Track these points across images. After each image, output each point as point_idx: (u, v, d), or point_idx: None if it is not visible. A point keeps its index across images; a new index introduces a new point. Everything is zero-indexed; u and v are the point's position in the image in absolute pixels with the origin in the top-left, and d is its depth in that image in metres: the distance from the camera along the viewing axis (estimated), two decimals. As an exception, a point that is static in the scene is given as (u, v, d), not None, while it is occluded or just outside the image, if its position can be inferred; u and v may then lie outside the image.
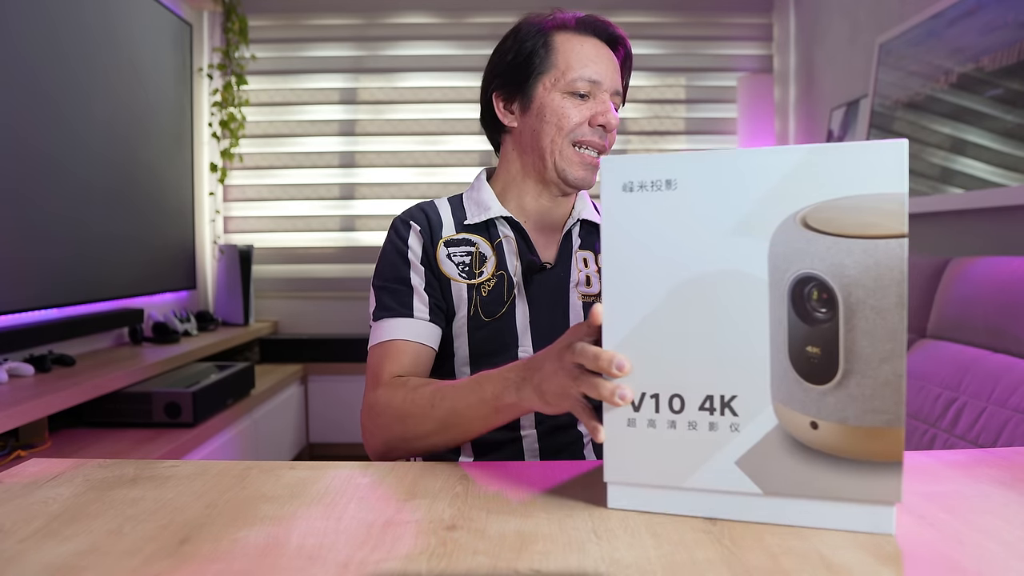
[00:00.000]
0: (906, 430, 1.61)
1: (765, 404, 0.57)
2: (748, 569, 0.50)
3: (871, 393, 0.54)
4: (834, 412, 0.55)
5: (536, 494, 0.65)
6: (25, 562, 0.53)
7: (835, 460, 0.56)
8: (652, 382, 0.60)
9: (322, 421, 3.08)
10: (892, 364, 0.54)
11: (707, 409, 0.58)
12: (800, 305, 0.56)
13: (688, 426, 0.59)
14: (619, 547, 0.54)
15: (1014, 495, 0.64)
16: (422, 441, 0.83)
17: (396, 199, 3.21)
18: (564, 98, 0.95)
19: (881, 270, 0.54)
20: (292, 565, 0.52)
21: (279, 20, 3.18)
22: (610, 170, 0.60)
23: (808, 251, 0.55)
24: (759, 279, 0.57)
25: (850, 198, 0.54)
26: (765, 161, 0.56)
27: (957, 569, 0.50)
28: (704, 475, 0.59)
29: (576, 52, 0.95)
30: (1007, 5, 1.75)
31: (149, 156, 2.53)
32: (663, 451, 0.60)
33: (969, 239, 1.92)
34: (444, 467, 0.74)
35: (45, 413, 1.61)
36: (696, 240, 0.58)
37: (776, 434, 0.57)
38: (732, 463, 0.58)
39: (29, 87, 1.89)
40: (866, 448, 0.55)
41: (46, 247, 1.95)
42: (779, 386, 0.57)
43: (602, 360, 0.59)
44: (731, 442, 0.58)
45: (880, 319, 0.54)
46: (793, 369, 0.56)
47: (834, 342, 0.55)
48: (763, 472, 0.57)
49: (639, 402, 0.60)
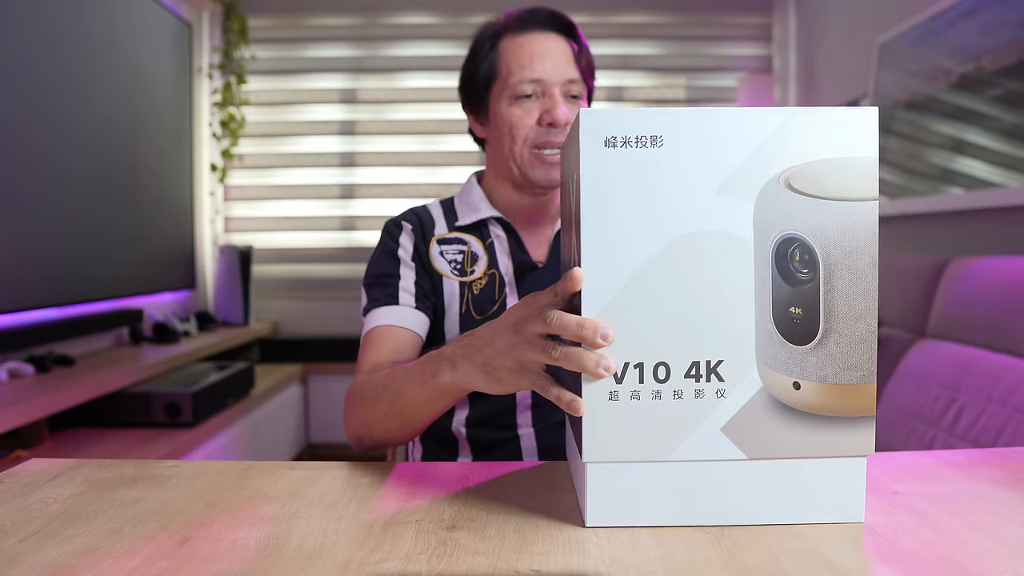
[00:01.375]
0: (906, 430, 1.61)
1: (750, 368, 0.57)
2: (748, 569, 0.50)
3: (848, 351, 0.57)
4: (815, 371, 0.57)
5: (536, 494, 0.65)
6: (25, 562, 0.53)
7: (815, 419, 0.57)
8: (636, 351, 0.56)
9: (322, 421, 3.08)
10: (866, 322, 0.56)
11: (693, 376, 0.57)
12: (784, 266, 0.56)
13: (674, 395, 0.57)
14: (619, 547, 0.54)
15: (1014, 495, 0.64)
16: (379, 427, 0.80)
17: (396, 199, 3.21)
18: (511, 105, 0.94)
19: (856, 232, 0.56)
20: (292, 565, 0.52)
21: (279, 20, 3.18)
22: (590, 123, 0.56)
23: (791, 212, 0.56)
24: (744, 240, 0.56)
25: (828, 161, 0.56)
26: (750, 120, 0.56)
27: (957, 569, 0.50)
28: (690, 446, 0.57)
29: (516, 55, 0.93)
30: (1007, 5, 1.75)
31: (149, 156, 2.53)
32: (647, 424, 0.57)
33: (969, 239, 1.92)
34: (444, 467, 0.74)
35: (45, 413, 1.61)
36: (682, 200, 0.56)
37: (760, 397, 0.57)
38: (718, 430, 0.57)
39: (29, 87, 1.89)
40: (844, 405, 0.57)
41: (46, 247, 1.95)
42: (764, 348, 0.57)
43: (586, 329, 0.55)
44: (716, 409, 0.57)
45: (856, 279, 0.56)
46: (777, 330, 0.57)
47: (815, 302, 0.56)
48: (747, 437, 0.57)
49: (622, 373, 0.56)
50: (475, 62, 0.98)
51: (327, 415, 3.08)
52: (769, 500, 0.58)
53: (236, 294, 2.98)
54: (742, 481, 0.58)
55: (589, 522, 0.58)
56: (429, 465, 0.75)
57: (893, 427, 1.66)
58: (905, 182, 2.18)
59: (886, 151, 2.28)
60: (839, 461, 0.58)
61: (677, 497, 0.58)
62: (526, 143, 0.94)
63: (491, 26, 0.98)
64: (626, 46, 3.18)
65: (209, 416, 2.10)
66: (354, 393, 0.84)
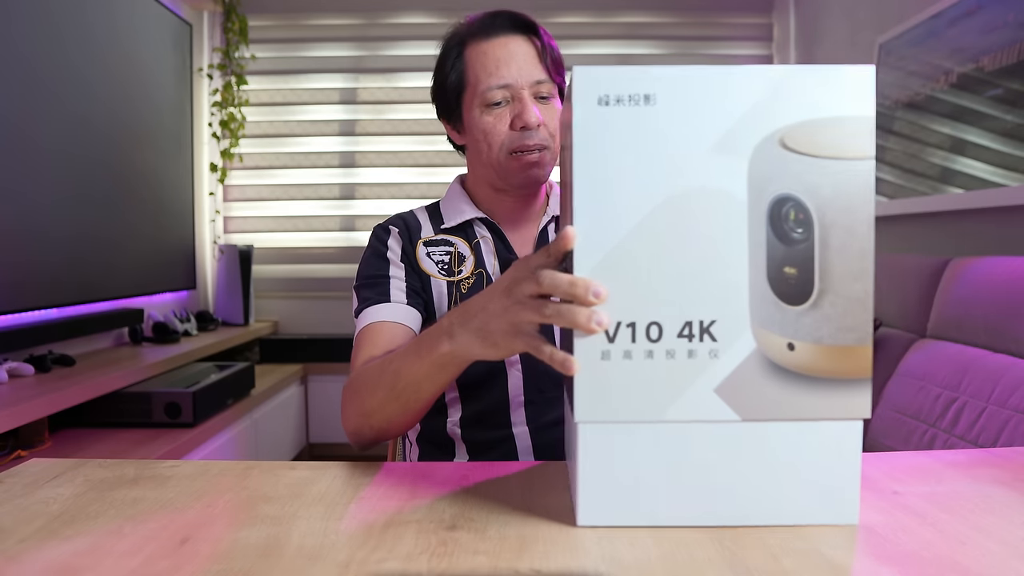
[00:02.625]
0: (906, 430, 1.61)
1: (744, 328, 0.56)
2: (748, 569, 0.50)
3: (843, 311, 0.56)
4: (810, 332, 0.56)
5: (536, 494, 0.65)
6: (25, 562, 0.53)
7: (810, 380, 0.56)
8: (628, 310, 0.56)
9: (322, 421, 3.08)
10: (862, 283, 0.55)
11: (686, 336, 0.56)
12: (778, 225, 0.56)
13: (666, 355, 0.56)
14: (619, 547, 0.54)
15: (1014, 495, 0.64)
16: (379, 414, 0.79)
17: (396, 199, 3.21)
18: (483, 113, 0.93)
19: (852, 190, 0.55)
20: (292, 565, 0.52)
21: (279, 20, 3.18)
22: (584, 81, 0.55)
23: (786, 171, 0.55)
24: (739, 199, 0.56)
25: (823, 120, 0.55)
26: (745, 78, 0.56)
27: (957, 569, 0.50)
28: (683, 406, 0.57)
29: (481, 62, 0.93)
30: (1007, 5, 1.75)
31: (149, 156, 2.53)
32: (640, 383, 0.56)
33: (969, 239, 1.92)
34: (444, 467, 0.74)
35: (45, 413, 1.61)
36: (675, 158, 0.56)
37: (754, 358, 0.56)
38: (711, 391, 0.57)
39: (29, 87, 1.89)
40: (839, 367, 0.56)
41: (46, 247, 1.95)
42: (757, 308, 0.56)
43: (578, 287, 0.55)
44: (709, 369, 0.56)
45: (851, 238, 0.55)
46: (771, 290, 0.56)
47: (810, 262, 0.56)
48: (741, 397, 0.57)
49: (614, 332, 0.56)
50: (443, 73, 0.98)
51: (327, 415, 3.08)
52: (762, 501, 0.58)
53: (236, 294, 2.98)
54: (736, 481, 0.58)
55: (580, 521, 0.58)
56: (429, 465, 0.75)
57: (893, 427, 1.66)
58: (905, 182, 2.18)
59: (886, 151, 2.28)
60: (833, 462, 0.57)
61: (668, 497, 0.58)
62: (502, 149, 0.94)
63: (455, 35, 0.97)
64: (626, 46, 3.18)
65: (209, 416, 2.10)
66: (351, 385, 0.84)
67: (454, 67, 0.96)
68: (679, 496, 0.58)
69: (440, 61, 0.99)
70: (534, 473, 0.72)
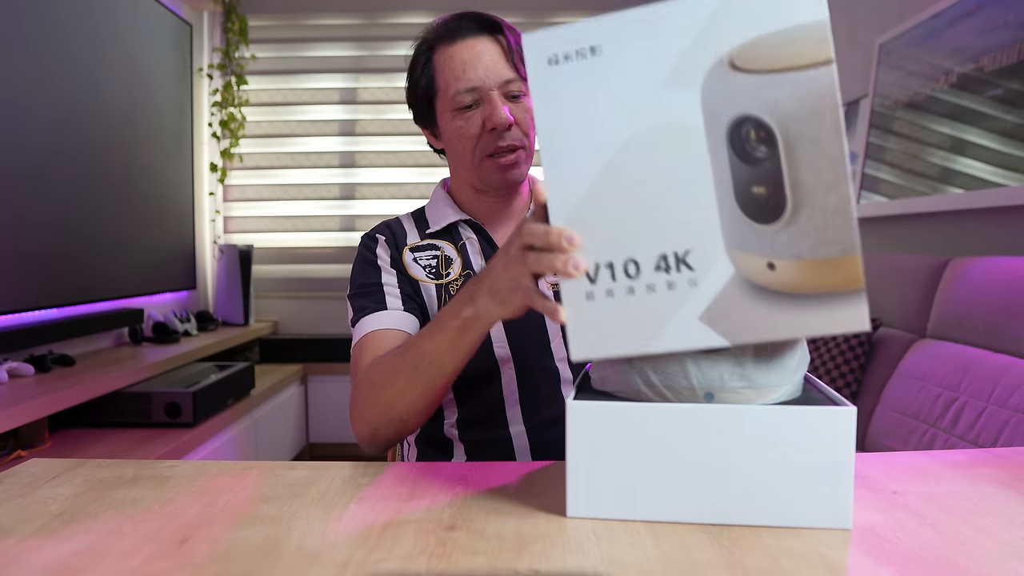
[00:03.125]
0: (906, 430, 1.61)
1: (720, 254, 0.56)
2: (748, 569, 0.50)
3: (822, 224, 0.54)
4: (789, 249, 0.55)
5: (535, 494, 0.65)
6: (25, 562, 0.53)
7: (798, 298, 0.55)
8: (605, 251, 0.58)
9: (322, 421, 3.09)
10: (838, 192, 0.54)
11: (663, 269, 0.57)
12: (739, 147, 0.56)
13: (647, 289, 0.58)
14: (619, 547, 0.54)
15: (1014, 495, 0.64)
16: (400, 401, 0.80)
17: (396, 199, 3.21)
18: (455, 118, 0.93)
19: (814, 100, 0.54)
20: (292, 565, 0.52)
21: (279, 20, 3.18)
22: (532, 46, 0.58)
23: (740, 93, 0.55)
24: (695, 129, 0.56)
25: (773, 34, 0.54)
26: (684, 9, 0.56)
27: (957, 569, 0.50)
28: (670, 336, 0.58)
29: (449, 66, 0.93)
30: (1007, 5, 1.75)
31: (149, 156, 2.53)
32: (625, 318, 0.58)
33: (969, 239, 1.92)
34: (444, 467, 0.74)
35: (45, 413, 1.61)
36: (628, 102, 0.57)
37: (735, 282, 0.56)
38: (695, 319, 0.57)
39: (29, 87, 1.89)
40: (826, 281, 0.55)
41: (46, 247, 1.95)
42: (731, 232, 0.56)
43: (552, 235, 0.59)
44: (691, 298, 0.57)
45: (819, 149, 0.54)
46: (742, 212, 0.56)
47: (778, 179, 0.55)
48: (727, 322, 0.57)
49: (594, 274, 0.59)
50: (415, 79, 0.98)
51: (327, 415, 3.08)
52: (754, 501, 0.57)
53: (236, 294, 2.98)
54: (729, 480, 0.58)
55: (570, 512, 0.59)
56: (429, 465, 0.75)
57: (893, 427, 1.66)
58: (905, 182, 2.18)
59: (886, 151, 2.28)
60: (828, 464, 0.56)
61: (659, 492, 0.58)
62: (476, 153, 0.94)
63: (424, 40, 0.97)
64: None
65: (209, 416, 2.10)
66: (364, 383, 0.84)
67: (424, 73, 0.96)
68: (670, 491, 0.58)
69: (411, 68, 0.99)
70: (533, 473, 0.72)
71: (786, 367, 0.61)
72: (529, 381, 0.95)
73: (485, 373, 0.95)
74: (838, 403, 0.59)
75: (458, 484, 0.68)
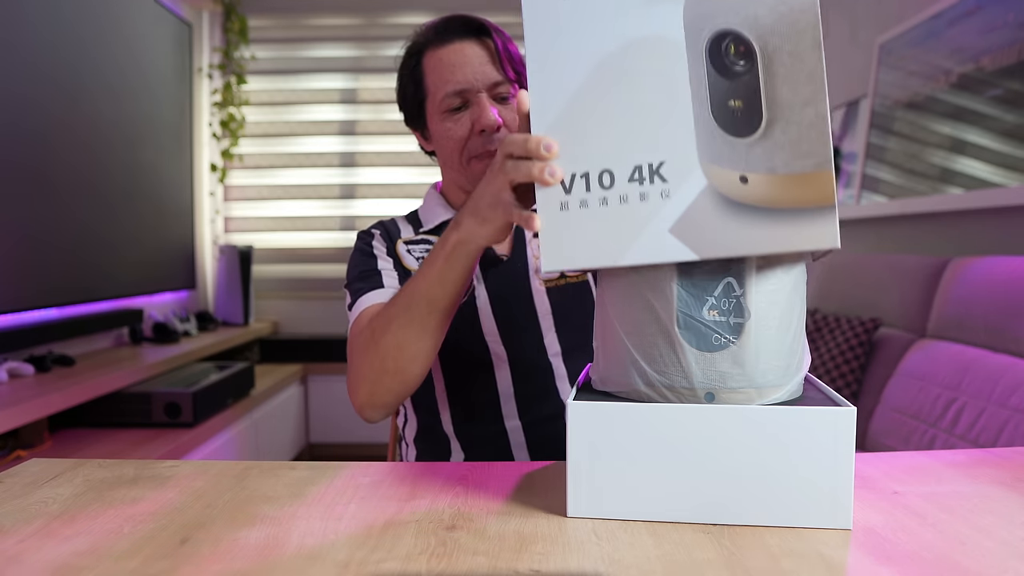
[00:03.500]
0: (906, 430, 1.62)
1: (693, 166, 0.57)
2: (748, 569, 0.50)
3: (797, 138, 0.54)
4: (762, 163, 0.55)
5: (536, 494, 0.65)
6: (25, 562, 0.53)
7: (768, 213, 0.55)
8: (581, 161, 0.60)
9: (322, 421, 3.08)
10: (814, 106, 0.54)
11: (637, 180, 0.58)
12: (718, 61, 0.56)
13: (620, 200, 0.59)
14: (619, 547, 0.54)
15: (1014, 495, 0.64)
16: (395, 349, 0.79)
17: (396, 199, 3.21)
18: (443, 120, 0.94)
19: (794, 15, 0.54)
20: (292, 565, 0.52)
21: (279, 20, 3.18)
22: None
23: (721, 7, 0.56)
24: (676, 42, 0.57)
25: None
26: None
27: (957, 569, 0.50)
28: (640, 248, 0.58)
29: (437, 69, 0.93)
30: (1007, 5, 1.75)
31: (149, 156, 2.53)
32: (597, 230, 0.59)
33: (969, 239, 1.92)
34: (444, 467, 0.74)
35: (45, 413, 1.61)
36: (613, 13, 0.58)
37: (707, 195, 0.57)
38: (665, 231, 0.58)
39: (29, 87, 1.89)
40: (797, 195, 0.55)
41: (46, 247, 1.95)
42: (706, 145, 0.57)
43: (531, 143, 0.61)
44: (663, 209, 0.58)
45: (798, 63, 0.54)
46: (718, 126, 0.56)
47: (755, 92, 0.55)
48: (697, 235, 0.57)
49: (570, 184, 0.60)
50: (405, 84, 0.99)
51: (327, 415, 3.08)
52: (757, 501, 0.57)
53: (236, 294, 2.98)
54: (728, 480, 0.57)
55: (571, 512, 0.59)
56: (429, 465, 0.75)
57: (893, 427, 1.66)
58: (905, 182, 2.18)
59: (886, 151, 2.28)
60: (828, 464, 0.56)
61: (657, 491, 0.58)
62: (464, 155, 0.94)
63: (413, 45, 0.98)
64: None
65: (209, 416, 2.11)
66: (357, 343, 0.84)
67: (413, 77, 0.97)
68: (670, 491, 0.58)
69: (400, 72, 1.00)
70: (533, 473, 0.72)
71: (786, 367, 0.61)
72: (523, 376, 0.96)
73: (479, 367, 0.96)
74: (838, 403, 0.59)
75: (458, 484, 0.68)
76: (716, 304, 0.58)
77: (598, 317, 0.66)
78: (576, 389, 0.66)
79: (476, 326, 0.97)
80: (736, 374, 0.59)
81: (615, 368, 0.63)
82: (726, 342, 0.58)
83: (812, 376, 0.68)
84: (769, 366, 0.59)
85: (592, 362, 0.69)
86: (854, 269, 2.22)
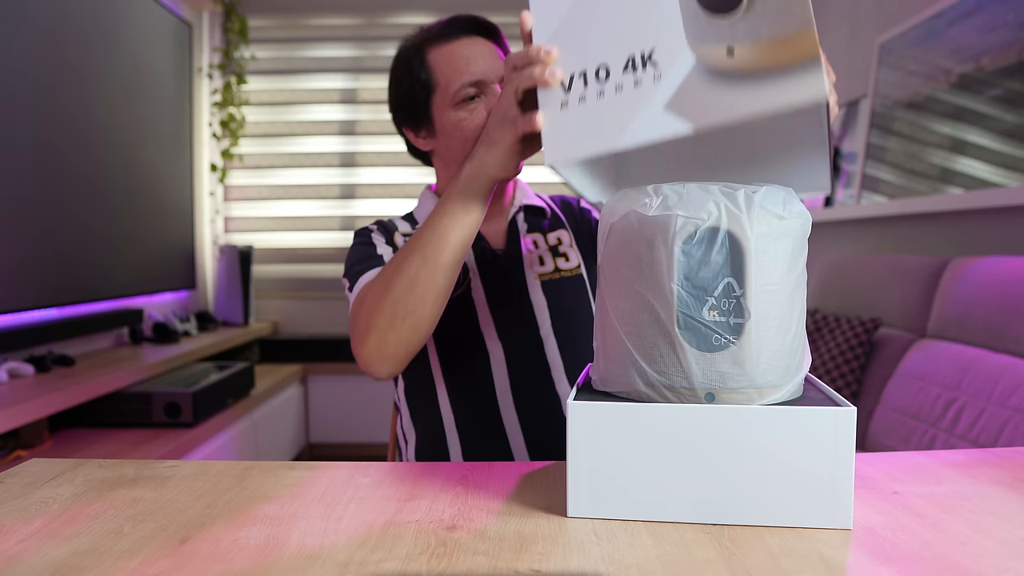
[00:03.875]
0: (906, 430, 1.61)
1: (682, 47, 0.60)
2: (748, 569, 0.50)
3: (777, 5, 0.57)
4: (747, 35, 0.58)
5: (536, 494, 0.65)
6: (25, 562, 0.53)
7: (757, 76, 0.58)
8: (578, 61, 0.65)
9: (322, 421, 3.09)
10: None
11: (630, 69, 0.62)
12: None
13: (615, 90, 0.63)
14: (619, 547, 0.54)
15: (1014, 495, 0.64)
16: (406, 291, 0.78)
17: (396, 199, 3.21)
18: (457, 110, 0.94)
19: None
20: (292, 565, 0.52)
21: (279, 20, 3.18)
22: None
23: None
24: None
25: None
26: None
27: (957, 569, 0.50)
28: (637, 128, 0.61)
29: (449, 61, 0.94)
30: (1007, 5, 1.75)
31: (149, 156, 2.53)
32: (595, 120, 0.63)
33: (969, 239, 1.92)
34: (444, 467, 0.74)
35: (45, 413, 1.61)
36: None
37: (697, 71, 0.60)
38: (660, 109, 0.61)
39: (29, 87, 1.89)
40: (783, 56, 0.57)
41: (46, 247, 1.95)
42: (692, 26, 0.60)
43: (532, 50, 0.66)
44: (657, 92, 0.61)
45: None
46: (701, 7, 0.60)
47: None
48: (690, 108, 0.60)
49: (569, 84, 0.65)
50: (407, 80, 0.98)
51: (327, 415, 3.08)
52: (757, 501, 0.57)
53: (236, 294, 2.98)
54: (731, 481, 0.57)
55: (571, 512, 0.59)
56: (429, 465, 0.75)
57: (893, 427, 1.66)
58: (905, 182, 2.18)
59: (886, 151, 2.28)
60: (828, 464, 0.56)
61: (657, 491, 0.58)
62: None
63: (412, 44, 0.99)
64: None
65: (209, 416, 2.11)
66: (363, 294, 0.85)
67: (419, 73, 0.97)
68: (670, 491, 0.58)
69: (401, 70, 0.99)
70: (533, 473, 0.72)
71: (786, 367, 0.61)
72: (519, 369, 0.97)
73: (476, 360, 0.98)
74: (838, 403, 0.59)
75: (458, 484, 0.68)
76: (716, 304, 0.58)
77: (598, 317, 0.66)
78: (576, 389, 0.66)
79: (472, 319, 0.98)
80: (736, 374, 0.59)
81: (615, 368, 0.63)
82: (726, 342, 0.58)
83: (812, 376, 0.68)
84: (769, 366, 0.59)
85: (592, 361, 0.69)
86: (854, 269, 2.22)
